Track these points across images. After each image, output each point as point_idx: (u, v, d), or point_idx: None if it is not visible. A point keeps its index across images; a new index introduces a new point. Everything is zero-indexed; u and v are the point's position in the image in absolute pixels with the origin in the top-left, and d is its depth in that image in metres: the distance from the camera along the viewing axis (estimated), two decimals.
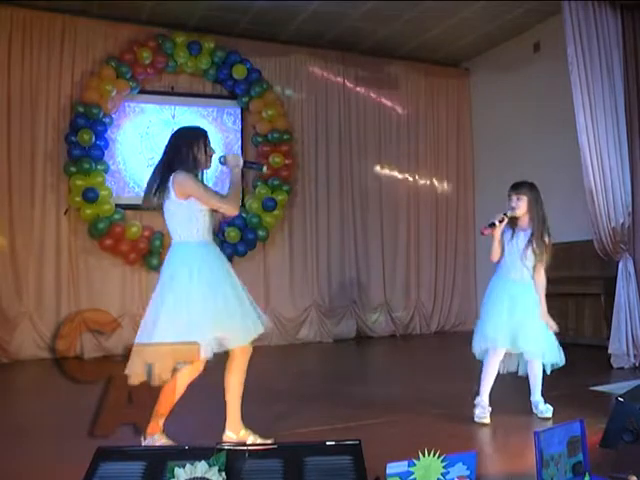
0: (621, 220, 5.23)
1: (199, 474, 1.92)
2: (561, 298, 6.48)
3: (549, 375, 3.66)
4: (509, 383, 3.90)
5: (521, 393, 3.72)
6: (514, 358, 3.70)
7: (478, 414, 3.50)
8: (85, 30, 6.90)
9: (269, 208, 7.36)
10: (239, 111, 7.64)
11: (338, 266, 8.02)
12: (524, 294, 3.60)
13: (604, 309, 5.99)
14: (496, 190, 3.76)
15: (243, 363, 2.97)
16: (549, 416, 3.52)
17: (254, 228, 7.33)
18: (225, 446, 2.01)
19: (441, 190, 8.72)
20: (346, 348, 7.37)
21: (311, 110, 8.00)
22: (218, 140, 7.30)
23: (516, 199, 3.64)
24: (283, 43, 7.81)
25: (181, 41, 7.16)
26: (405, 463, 1.96)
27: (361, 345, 7.57)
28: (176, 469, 1.93)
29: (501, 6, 6.86)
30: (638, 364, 5.15)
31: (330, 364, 6.50)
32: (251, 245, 7.33)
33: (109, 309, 6.48)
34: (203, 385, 2.93)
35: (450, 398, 4.09)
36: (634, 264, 5.28)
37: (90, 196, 6.53)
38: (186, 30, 7.25)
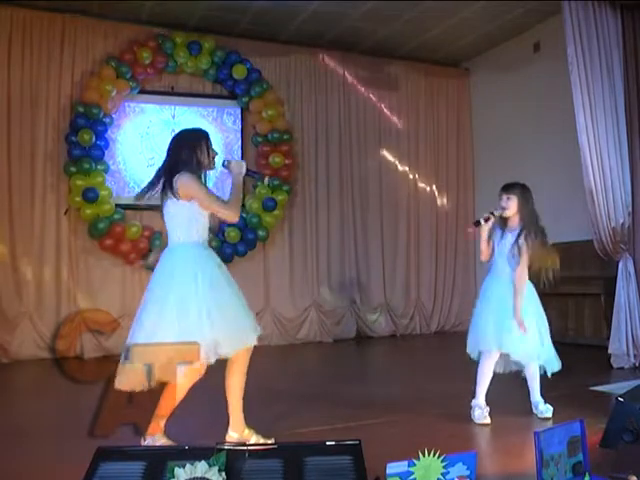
0: (621, 220, 5.23)
1: (199, 474, 1.92)
2: (561, 298, 6.49)
3: (549, 376, 3.64)
4: (509, 383, 3.91)
5: (521, 393, 3.72)
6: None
7: (477, 416, 3.49)
8: (85, 30, 6.90)
9: (269, 208, 7.36)
10: (239, 111, 7.64)
11: (338, 266, 8.03)
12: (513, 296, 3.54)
13: (604, 309, 5.99)
14: (496, 190, 3.75)
15: (243, 365, 2.96)
16: (549, 416, 3.52)
17: (254, 228, 7.33)
18: (225, 446, 2.01)
19: (441, 190, 8.72)
20: (346, 348, 7.37)
21: (311, 110, 8.00)
22: (218, 140, 7.30)
23: (506, 199, 3.63)
24: (283, 43, 7.80)
25: (181, 41, 7.16)
26: (405, 463, 1.96)
27: (361, 345, 7.57)
28: (176, 469, 1.93)
29: (501, 6, 6.86)
30: (638, 364, 5.15)
31: (330, 364, 6.50)
32: (251, 245, 7.33)
33: (109, 309, 6.44)
34: (203, 386, 2.92)
35: (450, 398, 4.09)
36: (634, 264, 5.28)
37: (90, 196, 6.53)
38: (186, 30, 7.25)
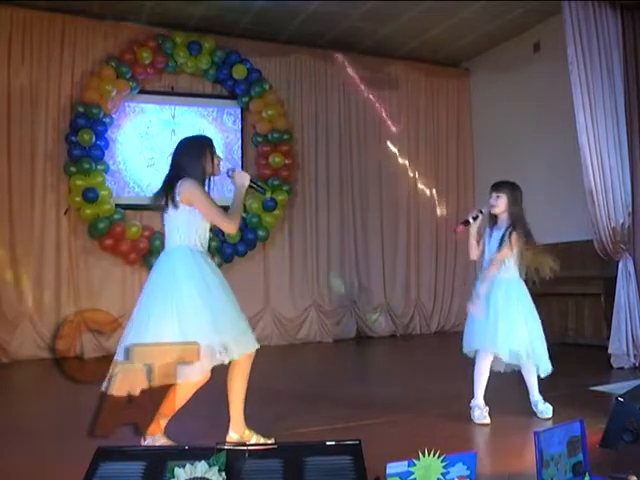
0: (621, 220, 5.23)
1: (199, 474, 1.92)
2: (561, 298, 6.49)
3: (549, 376, 3.64)
4: (509, 383, 3.91)
5: (521, 393, 3.71)
6: None
7: (477, 416, 3.49)
8: (85, 30, 6.90)
9: (269, 208, 7.36)
10: (239, 111, 7.63)
11: (338, 266, 8.02)
12: (505, 294, 3.53)
13: (604, 309, 5.98)
14: None
15: (246, 369, 2.95)
16: (549, 416, 3.51)
17: (254, 228, 7.33)
18: (225, 446, 2.00)
19: (441, 190, 8.71)
20: (346, 348, 7.37)
21: (311, 110, 8.00)
22: (218, 140, 7.27)
23: (495, 197, 3.63)
24: (283, 43, 7.81)
25: (181, 41, 7.17)
26: (405, 463, 1.96)
27: (361, 345, 7.57)
28: (176, 469, 1.93)
29: (501, 6, 6.86)
30: (638, 364, 5.15)
31: (330, 364, 6.50)
32: (251, 245, 7.33)
33: (109, 309, 6.44)
34: (204, 386, 2.92)
35: (450, 398, 4.08)
36: (634, 264, 5.28)
37: (90, 196, 6.53)
38: (186, 30, 7.25)
